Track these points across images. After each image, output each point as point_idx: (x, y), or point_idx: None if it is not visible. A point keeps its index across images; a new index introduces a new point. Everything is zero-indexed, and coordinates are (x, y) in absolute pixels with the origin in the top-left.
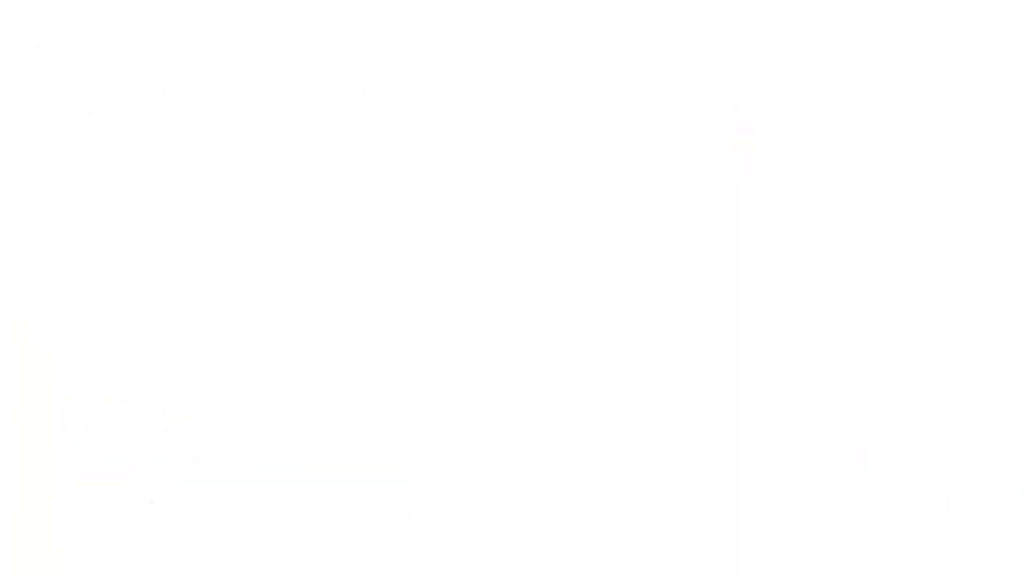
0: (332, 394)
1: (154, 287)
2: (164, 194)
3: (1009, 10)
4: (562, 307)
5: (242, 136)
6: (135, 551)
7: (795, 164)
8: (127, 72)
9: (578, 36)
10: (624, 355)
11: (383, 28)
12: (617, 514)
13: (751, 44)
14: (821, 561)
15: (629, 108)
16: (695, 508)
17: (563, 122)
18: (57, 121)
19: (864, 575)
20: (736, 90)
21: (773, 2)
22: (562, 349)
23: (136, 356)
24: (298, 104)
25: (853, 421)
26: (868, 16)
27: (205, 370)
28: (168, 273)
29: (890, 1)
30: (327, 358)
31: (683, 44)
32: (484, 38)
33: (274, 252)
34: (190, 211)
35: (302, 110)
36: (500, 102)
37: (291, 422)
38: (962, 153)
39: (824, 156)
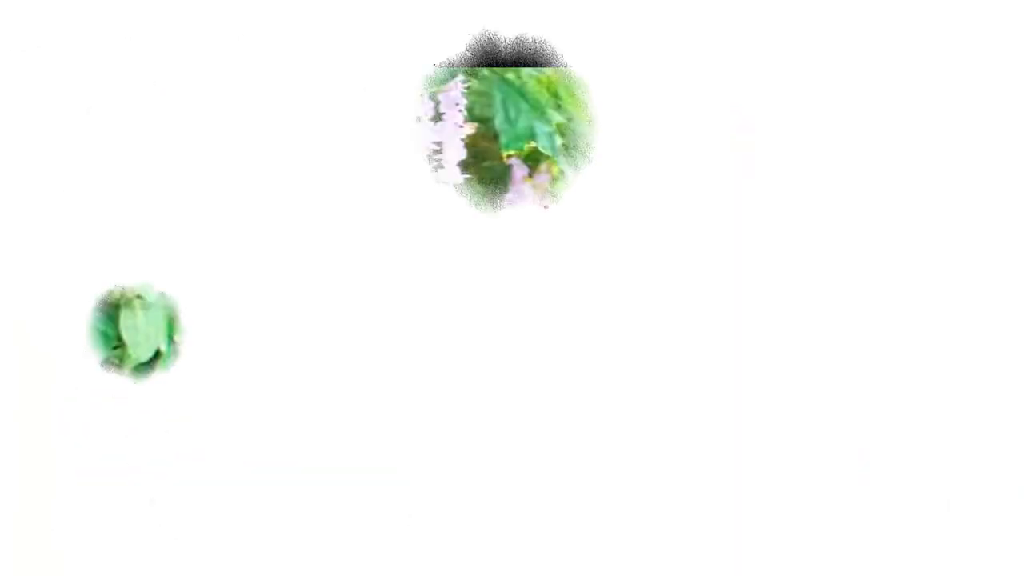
0: (332, 394)
1: (153, 287)
2: (163, 194)
3: (1009, 10)
4: (561, 307)
5: (241, 136)
6: (135, 551)
7: (795, 164)
8: (127, 72)
9: (577, 36)
10: (623, 355)
11: (383, 28)
12: (617, 514)
13: (751, 44)
14: (821, 561)
15: (628, 108)
16: (695, 508)
17: None
18: (57, 121)
19: (864, 575)
20: (736, 90)
21: (773, 2)
22: (562, 349)
23: None
24: (298, 104)
25: (853, 421)
26: (868, 16)
27: (205, 370)
28: (167, 273)
29: (890, 1)
30: (326, 358)
31: (683, 44)
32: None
33: (273, 252)
34: (189, 211)
35: (302, 110)
36: None
37: (291, 422)
38: (962, 153)
39: (824, 156)
